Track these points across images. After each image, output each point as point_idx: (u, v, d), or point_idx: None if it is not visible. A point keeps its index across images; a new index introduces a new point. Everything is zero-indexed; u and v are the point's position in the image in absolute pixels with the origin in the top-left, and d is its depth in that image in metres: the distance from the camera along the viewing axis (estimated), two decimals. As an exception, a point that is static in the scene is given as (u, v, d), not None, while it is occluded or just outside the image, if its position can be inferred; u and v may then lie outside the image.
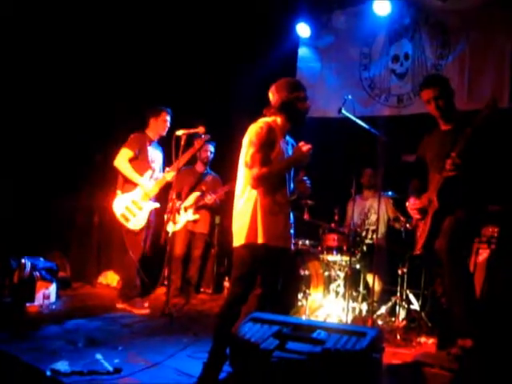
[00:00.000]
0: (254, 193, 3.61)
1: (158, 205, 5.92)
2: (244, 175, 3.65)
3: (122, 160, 5.82)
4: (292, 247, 3.87)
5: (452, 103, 4.16)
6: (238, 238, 3.63)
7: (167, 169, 5.90)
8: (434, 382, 2.76)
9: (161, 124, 5.97)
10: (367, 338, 2.73)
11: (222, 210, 6.84)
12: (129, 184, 5.87)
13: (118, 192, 5.87)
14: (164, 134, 6.01)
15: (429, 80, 4.31)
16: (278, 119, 3.72)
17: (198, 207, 6.56)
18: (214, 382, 3.45)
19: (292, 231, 3.79)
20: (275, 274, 3.67)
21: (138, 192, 5.84)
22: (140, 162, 5.89)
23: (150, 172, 5.89)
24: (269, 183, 3.58)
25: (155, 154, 6.05)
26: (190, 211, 6.49)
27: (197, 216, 6.58)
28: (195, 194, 6.52)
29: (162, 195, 5.99)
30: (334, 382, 2.62)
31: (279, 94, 3.69)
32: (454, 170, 3.80)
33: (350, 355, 2.62)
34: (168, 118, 5.98)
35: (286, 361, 2.66)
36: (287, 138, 3.80)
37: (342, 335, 2.80)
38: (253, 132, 3.62)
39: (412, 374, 2.92)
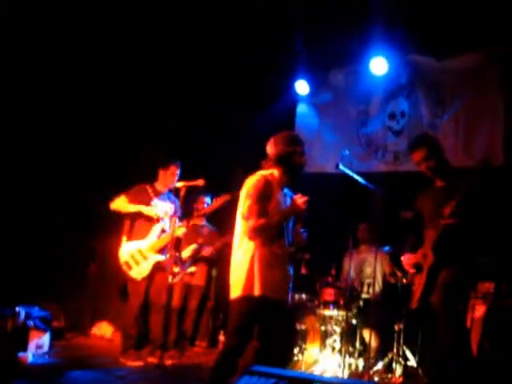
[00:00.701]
0: (252, 244, 3.65)
1: (163, 258, 5.83)
2: (241, 227, 3.70)
3: (120, 203, 5.82)
4: (290, 300, 3.87)
5: (443, 160, 4.23)
6: (236, 290, 3.64)
7: (178, 223, 5.78)
8: None
9: (169, 177, 5.96)
10: (364, 392, 2.73)
11: (218, 263, 6.84)
12: (136, 232, 5.85)
13: (124, 239, 5.85)
14: (172, 186, 5.99)
15: (415, 142, 4.41)
16: (275, 172, 3.80)
17: (195, 260, 6.56)
18: None
19: (291, 284, 3.82)
20: (273, 326, 3.68)
21: (145, 242, 5.80)
22: (140, 225, 5.87)
23: (158, 226, 5.85)
24: (266, 235, 3.63)
25: (164, 206, 5.97)
26: (187, 264, 6.50)
27: (194, 268, 6.58)
28: (192, 247, 6.52)
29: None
30: None
31: (277, 147, 3.79)
32: (452, 217, 3.84)
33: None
34: (177, 171, 5.97)
35: (282, 414, 2.65)
36: (285, 190, 3.86)
37: (339, 389, 2.79)
38: (250, 184, 3.70)
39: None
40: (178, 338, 6.46)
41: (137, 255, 5.78)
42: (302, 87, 7.51)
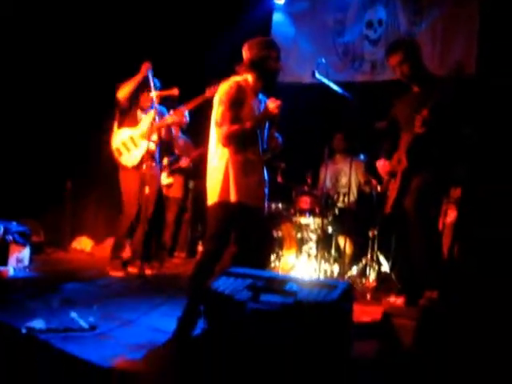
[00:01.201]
0: (226, 151, 3.66)
1: (153, 145, 5.76)
2: (215, 134, 3.70)
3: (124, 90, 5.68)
4: (266, 206, 3.92)
5: (419, 65, 4.18)
6: (212, 196, 3.68)
7: (171, 112, 5.76)
8: (402, 332, 2.87)
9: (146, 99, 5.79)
10: (338, 289, 2.82)
11: (195, 175, 6.85)
12: (128, 120, 5.77)
13: (115, 127, 5.76)
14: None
15: (392, 46, 4.35)
16: (249, 77, 3.76)
17: (171, 171, 6.57)
18: (188, 336, 3.52)
19: (266, 190, 3.85)
20: (249, 232, 3.75)
21: (137, 130, 5.71)
22: (129, 118, 5.80)
23: (149, 115, 5.76)
24: (239, 141, 3.63)
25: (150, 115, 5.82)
26: (164, 175, 6.49)
27: (171, 180, 6.59)
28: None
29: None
30: (306, 332, 2.71)
31: (251, 51, 3.72)
32: (423, 127, 3.87)
33: (321, 306, 2.71)
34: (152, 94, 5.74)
35: (259, 312, 2.75)
36: (260, 96, 3.82)
37: (314, 288, 2.89)
38: (222, 91, 3.67)
39: (381, 323, 3.04)
40: (157, 249, 6.56)
41: (128, 142, 5.70)
42: (277, -5, 7.33)
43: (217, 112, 3.65)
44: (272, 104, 3.66)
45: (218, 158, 3.69)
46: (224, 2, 7.31)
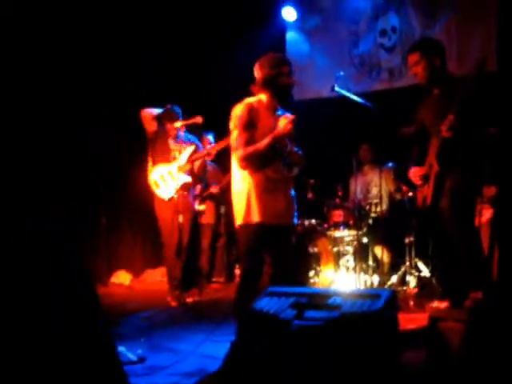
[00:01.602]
0: (246, 173, 3.68)
1: (190, 179, 5.80)
2: (234, 159, 3.74)
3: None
4: (295, 223, 3.93)
5: (438, 66, 4.14)
6: (237, 219, 3.72)
7: (207, 146, 5.95)
8: (450, 334, 2.85)
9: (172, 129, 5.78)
10: (381, 299, 2.82)
11: (225, 200, 6.90)
12: (158, 156, 5.79)
13: (150, 165, 5.78)
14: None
15: (411, 46, 4.36)
16: (263, 96, 3.76)
17: (203, 198, 6.64)
18: (241, 359, 3.51)
19: (294, 208, 3.86)
20: (280, 251, 3.77)
21: (175, 163, 5.72)
22: (161, 156, 5.79)
23: (188, 150, 5.77)
24: (256, 162, 3.64)
25: (177, 146, 5.83)
26: (196, 202, 6.56)
27: (203, 207, 6.66)
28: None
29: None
30: (354, 343, 2.70)
31: (262, 70, 3.71)
32: (450, 132, 3.86)
33: (366, 316, 2.71)
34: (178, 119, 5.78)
35: (305, 328, 2.76)
36: (280, 113, 3.80)
37: (357, 299, 2.89)
38: (234, 114, 3.69)
39: (427, 329, 3.01)
40: (195, 276, 6.61)
41: (166, 176, 5.70)
42: (289, 14, 7.40)
43: (232, 137, 3.69)
44: (284, 120, 3.65)
45: (239, 181, 3.72)
46: (236, 24, 7.40)
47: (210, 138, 6.73)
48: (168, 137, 5.76)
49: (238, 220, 3.70)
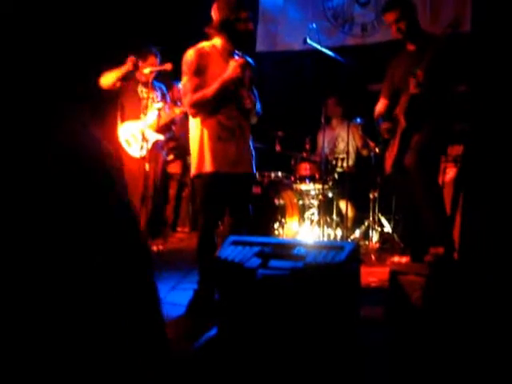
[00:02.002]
0: (198, 120, 3.59)
1: (161, 137, 5.73)
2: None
3: (109, 79, 5.50)
4: (252, 172, 3.81)
5: (415, 23, 4.18)
6: (192, 169, 3.65)
7: (178, 103, 5.73)
8: (410, 288, 2.91)
9: (149, 67, 5.57)
10: (345, 250, 2.86)
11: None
12: (128, 113, 5.67)
13: (118, 121, 5.66)
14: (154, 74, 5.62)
15: (388, 3, 4.33)
16: (218, 41, 3.64)
17: (170, 148, 6.57)
18: (205, 308, 3.54)
19: (250, 155, 3.76)
20: (239, 201, 3.72)
21: (145, 122, 5.62)
22: (133, 110, 5.67)
23: (156, 106, 5.51)
24: (205, 108, 3.55)
25: (150, 94, 5.68)
26: (163, 152, 6.48)
27: (171, 157, 6.60)
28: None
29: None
30: (317, 294, 2.75)
31: (219, 12, 3.55)
32: (418, 88, 3.88)
33: (330, 267, 2.75)
34: (156, 61, 5.66)
35: (270, 277, 2.79)
36: (236, 57, 3.65)
37: (321, 250, 2.92)
38: (184, 60, 3.59)
39: (388, 283, 3.08)
40: (160, 225, 6.59)
41: (138, 134, 5.58)
42: (263, -38, 7.23)
43: (181, 83, 3.62)
44: (233, 63, 3.54)
45: (193, 129, 3.65)
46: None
47: (180, 86, 6.60)
48: (137, 85, 5.64)
49: (193, 170, 3.63)
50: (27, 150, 1.37)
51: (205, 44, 3.65)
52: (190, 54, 3.56)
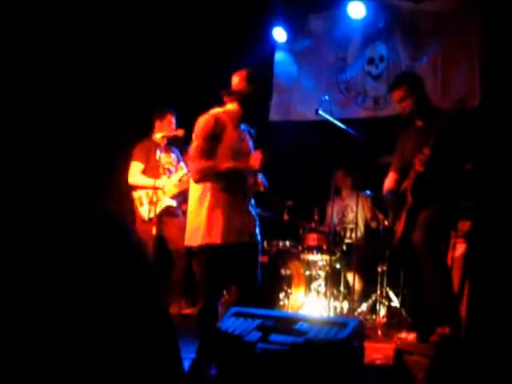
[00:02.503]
0: (207, 187, 3.59)
1: (174, 203, 5.71)
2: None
3: (136, 175, 5.68)
4: (258, 241, 3.79)
5: (423, 99, 4.21)
6: (196, 238, 3.59)
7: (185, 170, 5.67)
8: (415, 369, 2.83)
9: (166, 127, 5.75)
10: (348, 327, 2.79)
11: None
12: (147, 172, 5.69)
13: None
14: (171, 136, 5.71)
15: (395, 81, 4.40)
16: (232, 107, 3.74)
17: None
18: (202, 377, 3.45)
19: (255, 224, 3.75)
20: (246, 271, 3.68)
21: (161, 183, 5.58)
22: (150, 171, 5.69)
23: (164, 178, 5.66)
24: (211, 179, 3.57)
25: (167, 158, 5.79)
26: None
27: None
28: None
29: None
30: (318, 371, 2.67)
31: (241, 82, 3.71)
32: (424, 166, 3.88)
33: (331, 344, 2.68)
34: (173, 119, 5.79)
35: (269, 352, 2.72)
36: (243, 126, 3.79)
37: (324, 326, 2.86)
38: (198, 125, 3.64)
39: (393, 361, 2.99)
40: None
41: (151, 195, 5.55)
42: (279, 34, 7.40)
43: (191, 147, 3.63)
44: (257, 156, 3.61)
45: (196, 195, 3.64)
46: (225, 42, 7.39)
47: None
48: (156, 147, 5.64)
49: (198, 239, 3.57)
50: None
51: (219, 110, 3.71)
52: (207, 119, 3.62)
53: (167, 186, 5.63)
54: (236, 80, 3.74)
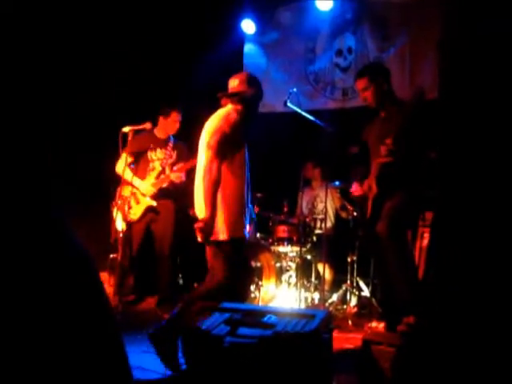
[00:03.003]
0: (228, 185, 3.71)
1: (154, 203, 5.62)
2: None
3: (120, 165, 5.59)
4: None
5: (385, 91, 4.24)
6: (221, 232, 3.70)
7: (175, 167, 5.63)
8: (382, 359, 2.86)
9: (170, 124, 5.71)
10: (316, 319, 2.82)
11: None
12: (138, 171, 5.66)
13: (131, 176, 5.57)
14: (173, 133, 5.78)
15: (359, 71, 4.45)
16: (233, 109, 3.82)
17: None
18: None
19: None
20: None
21: (142, 185, 5.60)
22: (141, 164, 5.68)
23: (154, 173, 5.65)
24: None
25: (159, 154, 5.72)
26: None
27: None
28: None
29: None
30: (286, 363, 2.69)
31: (242, 85, 3.83)
32: (388, 156, 3.92)
33: (300, 336, 2.70)
34: (179, 118, 5.72)
35: (237, 345, 2.72)
36: None
37: (292, 318, 2.88)
38: (212, 131, 3.71)
39: (360, 352, 3.02)
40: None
41: (131, 199, 5.58)
42: (248, 26, 7.38)
43: (208, 153, 3.67)
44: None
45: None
46: (195, 34, 7.34)
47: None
48: (151, 143, 5.66)
49: (223, 234, 3.68)
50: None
51: (229, 111, 3.80)
52: (222, 127, 3.69)
53: (143, 187, 5.61)
54: (236, 82, 3.84)
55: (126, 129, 5.26)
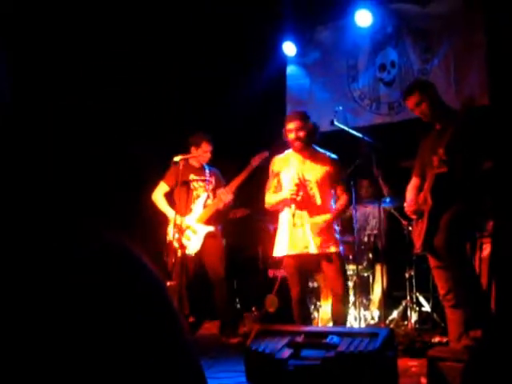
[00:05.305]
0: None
1: (212, 228, 5.68)
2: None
3: (157, 194, 5.71)
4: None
5: (437, 103, 4.22)
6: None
7: (221, 190, 5.66)
8: (449, 375, 2.80)
9: (201, 154, 5.74)
10: (379, 338, 2.79)
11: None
12: (177, 206, 5.63)
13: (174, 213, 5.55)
14: (205, 163, 5.83)
15: (407, 89, 4.42)
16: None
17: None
18: None
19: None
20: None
21: (192, 216, 5.64)
22: (183, 194, 5.70)
23: (201, 200, 5.70)
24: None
25: (203, 181, 5.77)
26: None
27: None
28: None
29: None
30: (351, 383, 2.67)
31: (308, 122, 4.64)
32: (441, 167, 3.87)
33: (363, 356, 2.68)
34: (209, 148, 5.75)
35: (301, 368, 2.72)
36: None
37: (355, 338, 2.86)
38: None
39: (427, 369, 2.96)
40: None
41: (187, 231, 5.56)
42: (289, 48, 7.45)
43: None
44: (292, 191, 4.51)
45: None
46: (237, 59, 7.44)
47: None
48: (190, 172, 5.70)
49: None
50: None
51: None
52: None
53: (196, 214, 5.64)
54: (298, 123, 4.54)
55: (177, 158, 5.34)
